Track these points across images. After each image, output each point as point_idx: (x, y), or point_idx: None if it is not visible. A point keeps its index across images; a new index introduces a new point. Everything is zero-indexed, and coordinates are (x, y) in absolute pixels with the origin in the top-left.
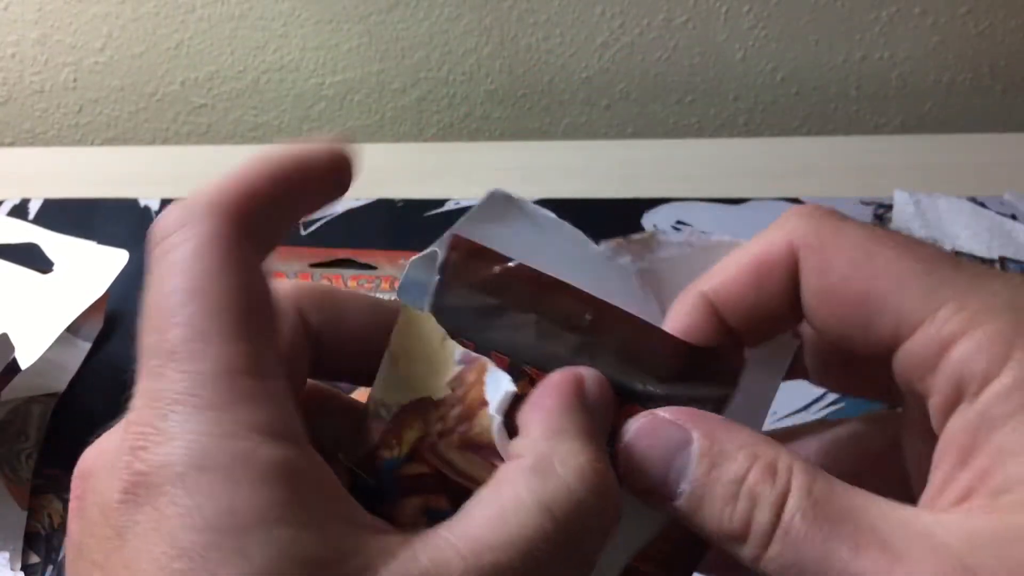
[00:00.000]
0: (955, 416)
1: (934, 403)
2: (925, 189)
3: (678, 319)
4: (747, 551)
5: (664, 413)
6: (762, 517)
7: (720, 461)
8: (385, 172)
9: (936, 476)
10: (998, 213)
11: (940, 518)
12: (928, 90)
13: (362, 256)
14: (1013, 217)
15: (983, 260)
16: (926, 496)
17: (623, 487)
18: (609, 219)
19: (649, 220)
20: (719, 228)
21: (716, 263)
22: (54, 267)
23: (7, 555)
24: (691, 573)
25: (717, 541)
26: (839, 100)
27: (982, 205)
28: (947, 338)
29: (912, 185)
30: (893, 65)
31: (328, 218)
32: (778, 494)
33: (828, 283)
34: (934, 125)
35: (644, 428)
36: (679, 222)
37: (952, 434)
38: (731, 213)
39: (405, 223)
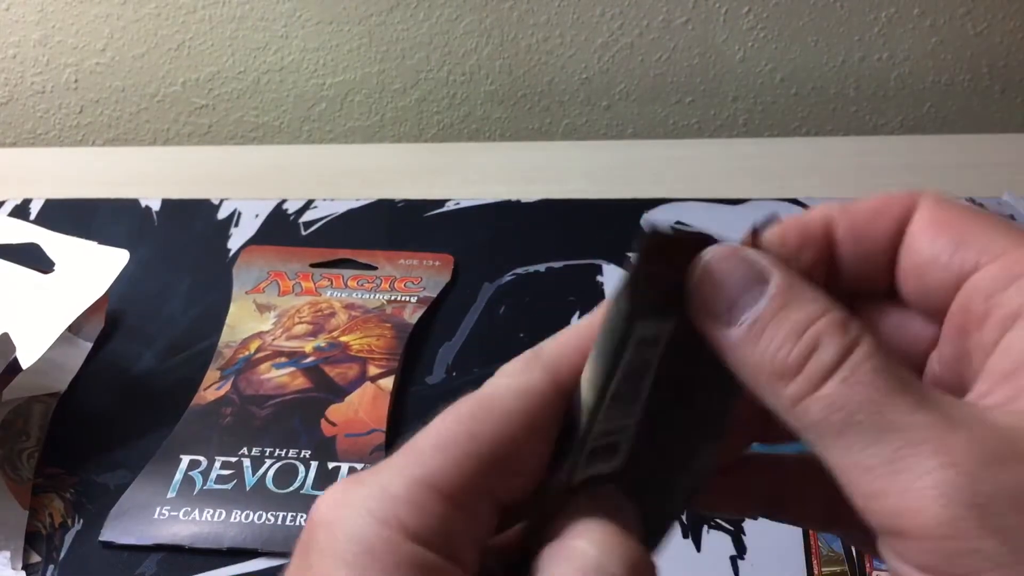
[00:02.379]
0: (1014, 330)
1: (998, 317)
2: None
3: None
4: (792, 388)
5: (748, 250)
6: (825, 355)
7: (792, 302)
8: (385, 172)
9: (982, 385)
10: (996, 214)
11: (994, 410)
12: (927, 91)
13: (362, 256)
14: (1012, 218)
15: None
16: (970, 398)
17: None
18: (609, 219)
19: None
20: (719, 228)
21: None
22: (55, 267)
23: (8, 554)
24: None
25: (758, 376)
26: (838, 101)
27: (981, 206)
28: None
29: (911, 186)
30: (892, 66)
31: (328, 218)
32: (847, 342)
33: (939, 215)
34: (933, 126)
35: (724, 254)
36: (678, 222)
37: (1009, 343)
38: (730, 213)
39: (405, 223)
